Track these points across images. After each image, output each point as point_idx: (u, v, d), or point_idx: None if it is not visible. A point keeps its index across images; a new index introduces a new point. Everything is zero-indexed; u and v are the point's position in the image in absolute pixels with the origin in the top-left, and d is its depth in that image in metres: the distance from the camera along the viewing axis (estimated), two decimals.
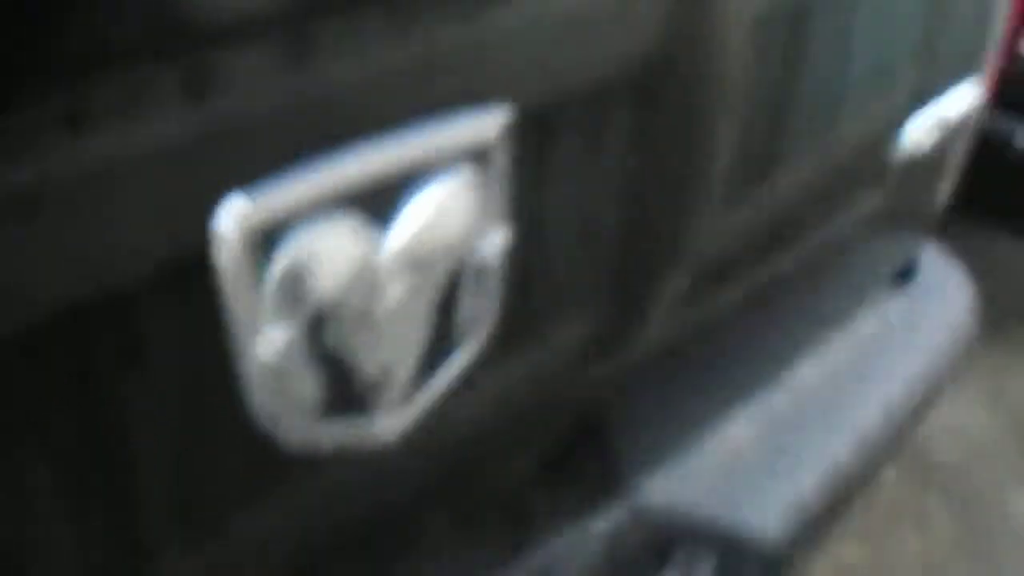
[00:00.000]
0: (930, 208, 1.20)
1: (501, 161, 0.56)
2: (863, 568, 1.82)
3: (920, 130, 1.04)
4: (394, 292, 0.54)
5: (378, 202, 0.52)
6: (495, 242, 0.58)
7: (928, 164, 1.10)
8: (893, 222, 1.14)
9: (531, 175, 0.63)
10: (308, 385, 0.54)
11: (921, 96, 1.05)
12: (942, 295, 1.26)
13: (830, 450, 0.99)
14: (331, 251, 0.51)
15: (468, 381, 0.63)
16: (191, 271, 0.48)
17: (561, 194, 0.67)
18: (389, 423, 0.59)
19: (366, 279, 0.52)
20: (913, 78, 1.06)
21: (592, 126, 0.67)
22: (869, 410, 1.05)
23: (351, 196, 0.51)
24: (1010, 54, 1.94)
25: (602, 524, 0.88)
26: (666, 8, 0.68)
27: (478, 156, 0.55)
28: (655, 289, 0.81)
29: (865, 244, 1.10)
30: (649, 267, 0.79)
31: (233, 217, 0.47)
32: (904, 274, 1.23)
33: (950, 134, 1.10)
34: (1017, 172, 2.09)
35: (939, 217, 1.24)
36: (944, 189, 1.22)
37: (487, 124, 0.55)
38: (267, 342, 0.51)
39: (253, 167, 0.48)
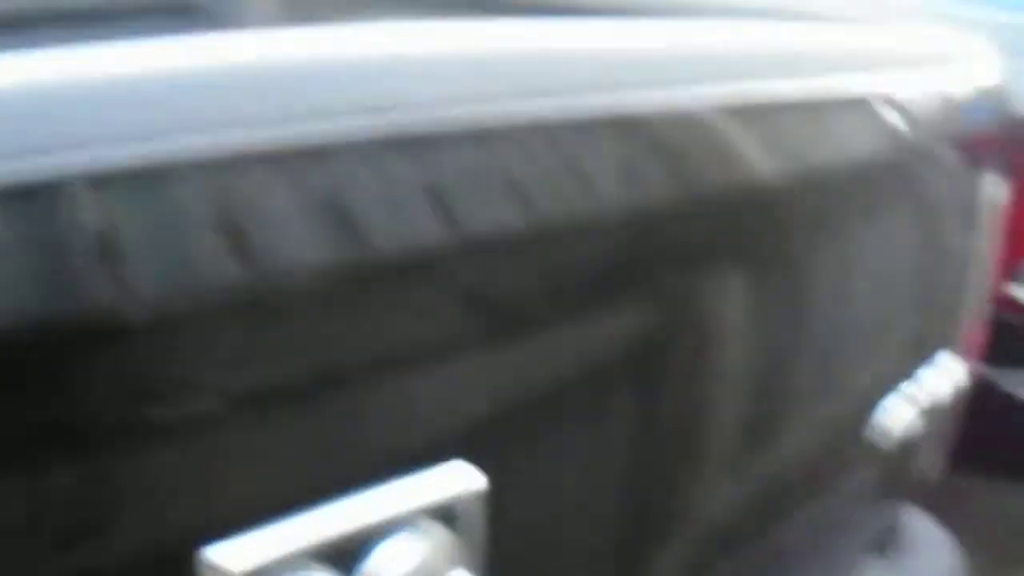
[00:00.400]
0: (915, 479, 1.22)
1: (475, 512, 0.60)
2: None
3: (899, 410, 1.07)
4: None
5: (345, 555, 0.56)
6: None
7: (913, 440, 1.13)
8: (876, 495, 1.16)
9: (516, 480, 0.66)
10: None
11: (902, 373, 1.08)
12: (927, 562, 1.26)
13: None
14: None
15: None
16: None
17: (553, 485, 0.70)
18: None
19: None
20: (892, 355, 1.09)
21: (586, 417, 0.71)
22: None
23: (322, 550, 0.55)
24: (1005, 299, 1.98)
25: None
26: (658, 291, 0.74)
27: (447, 511, 0.59)
28: (644, 571, 0.83)
29: (845, 517, 1.12)
30: (640, 548, 0.81)
31: (214, 562, 0.51)
32: (885, 541, 1.24)
33: (936, 409, 1.13)
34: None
35: (927, 485, 1.26)
36: (933, 460, 1.24)
37: (458, 478, 0.59)
38: None
39: (231, 518, 0.52)
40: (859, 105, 0.93)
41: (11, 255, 0.44)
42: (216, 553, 0.51)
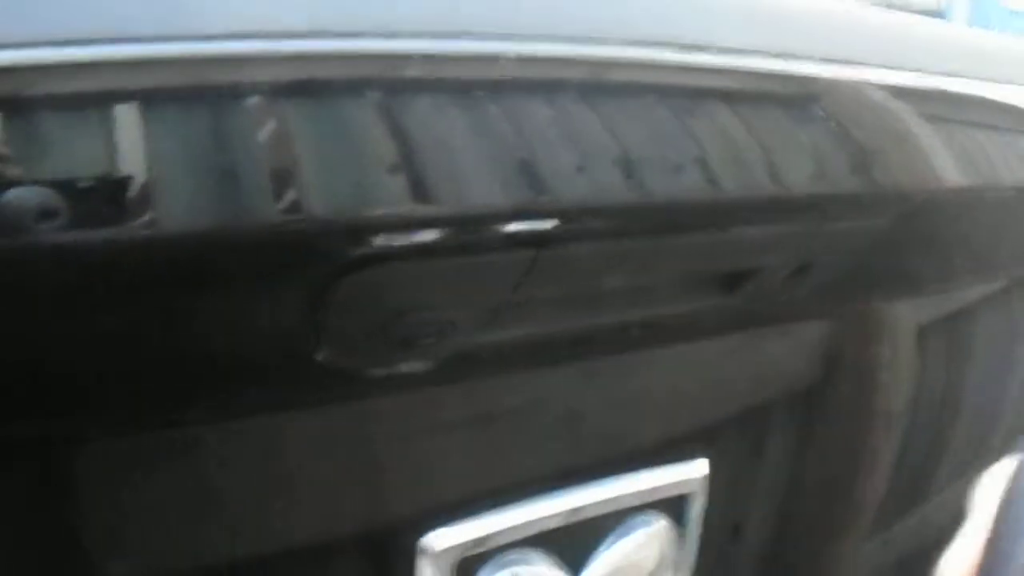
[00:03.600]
0: None
1: (696, 512, 0.58)
2: None
3: None
4: None
5: (572, 545, 0.54)
6: None
7: None
8: None
9: None
10: None
11: None
12: None
13: None
14: None
15: None
16: None
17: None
18: None
19: None
20: None
21: (751, 442, 0.68)
22: None
23: (547, 537, 0.53)
24: None
25: None
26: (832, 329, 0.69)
27: (673, 507, 0.57)
28: None
29: None
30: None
31: (440, 543, 0.51)
32: None
33: None
34: None
35: None
36: None
37: (685, 475, 0.57)
38: None
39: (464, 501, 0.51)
40: None
41: None
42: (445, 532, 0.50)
